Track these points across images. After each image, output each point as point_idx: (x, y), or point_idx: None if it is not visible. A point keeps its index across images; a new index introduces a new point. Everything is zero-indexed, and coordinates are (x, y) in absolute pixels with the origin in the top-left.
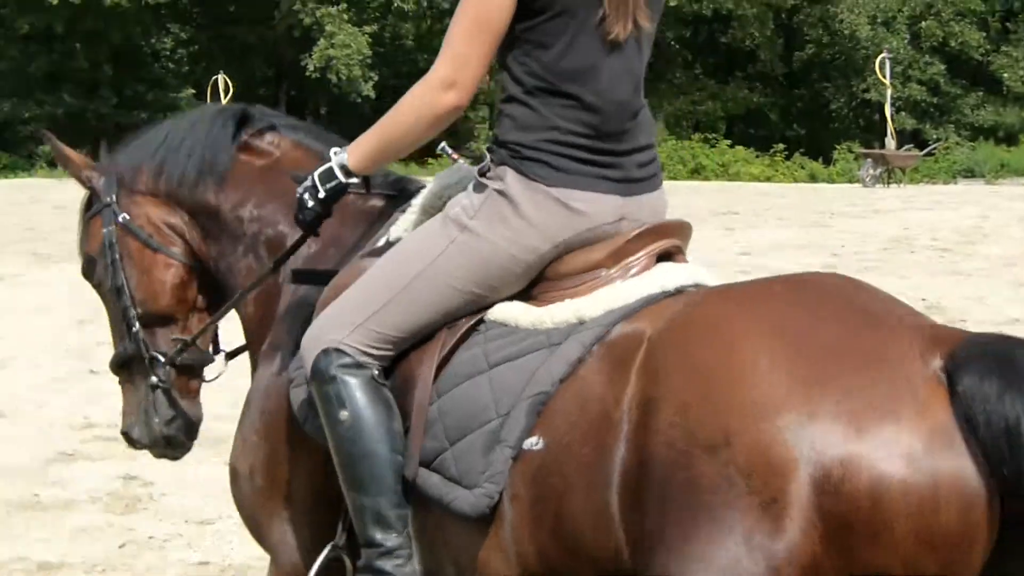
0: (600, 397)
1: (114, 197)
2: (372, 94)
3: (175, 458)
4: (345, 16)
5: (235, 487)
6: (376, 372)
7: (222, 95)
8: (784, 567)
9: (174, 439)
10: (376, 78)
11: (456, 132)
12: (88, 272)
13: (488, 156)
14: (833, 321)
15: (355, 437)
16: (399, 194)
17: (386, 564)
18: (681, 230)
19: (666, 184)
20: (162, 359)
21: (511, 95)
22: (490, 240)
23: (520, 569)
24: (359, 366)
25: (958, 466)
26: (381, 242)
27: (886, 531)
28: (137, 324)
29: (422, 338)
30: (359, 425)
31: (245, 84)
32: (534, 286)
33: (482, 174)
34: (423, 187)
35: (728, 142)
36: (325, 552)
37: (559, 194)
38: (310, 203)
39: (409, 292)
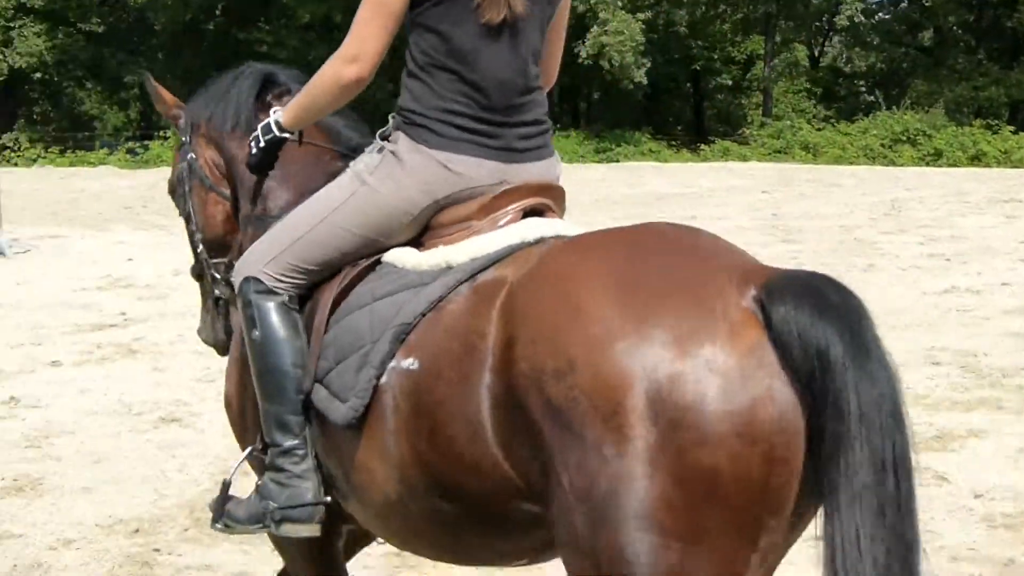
0: (467, 330)
1: (188, 137)
2: (644, 80)
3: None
4: (619, 3)
5: (227, 413)
6: (287, 298)
7: None
8: (629, 467)
9: (221, 346)
10: (648, 64)
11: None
12: (172, 194)
13: (391, 121)
14: (663, 262)
15: (264, 353)
16: (354, 152)
17: (284, 462)
18: (551, 191)
19: (941, 170)
20: (219, 277)
21: (409, 70)
22: (380, 193)
23: (399, 472)
24: (272, 292)
25: (771, 383)
26: None
27: (711, 431)
28: (201, 246)
29: (330, 274)
30: (268, 342)
31: None
32: (422, 235)
33: (383, 137)
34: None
35: (1011, 128)
36: (244, 455)
37: (440, 157)
38: (254, 149)
39: (315, 233)
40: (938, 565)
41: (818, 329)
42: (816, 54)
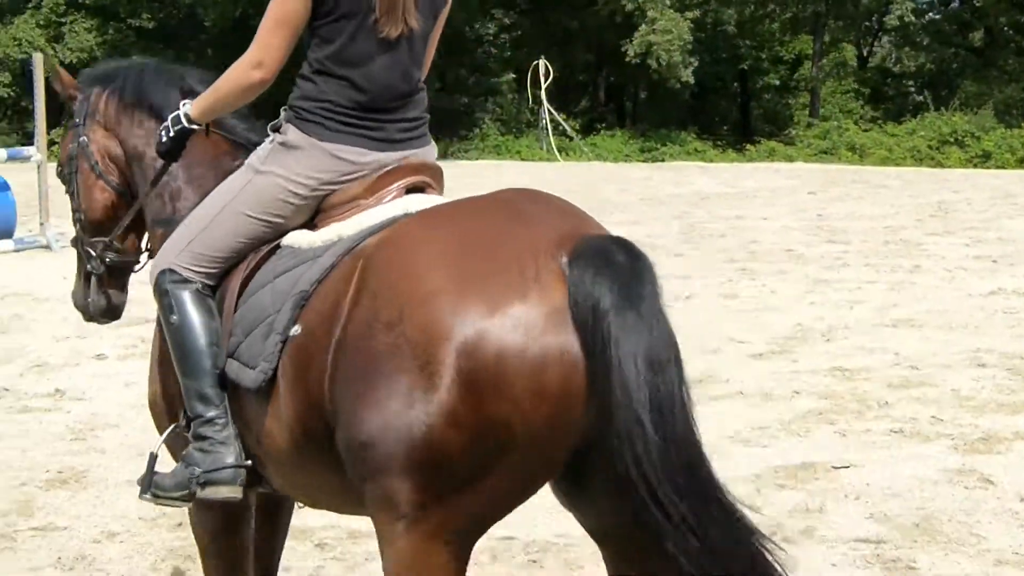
0: (336, 292)
1: (83, 120)
2: (691, 80)
3: (99, 323)
4: (668, 1)
5: (151, 412)
6: (200, 286)
7: (542, 80)
8: (433, 412)
9: (95, 313)
10: (696, 64)
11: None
12: (59, 172)
13: (282, 115)
14: (493, 230)
15: (183, 335)
16: (253, 147)
17: (207, 430)
18: (429, 170)
19: (989, 173)
20: (94, 254)
21: (303, 73)
22: (272, 179)
23: (288, 433)
24: (186, 281)
25: (566, 340)
26: None
27: (507, 387)
28: (79, 224)
29: (236, 262)
30: (185, 326)
31: (565, 69)
32: (315, 217)
33: (275, 129)
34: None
35: None
36: (168, 431)
37: (328, 147)
38: (164, 139)
39: (218, 221)
40: (982, 570)
41: (595, 285)
42: (865, 54)
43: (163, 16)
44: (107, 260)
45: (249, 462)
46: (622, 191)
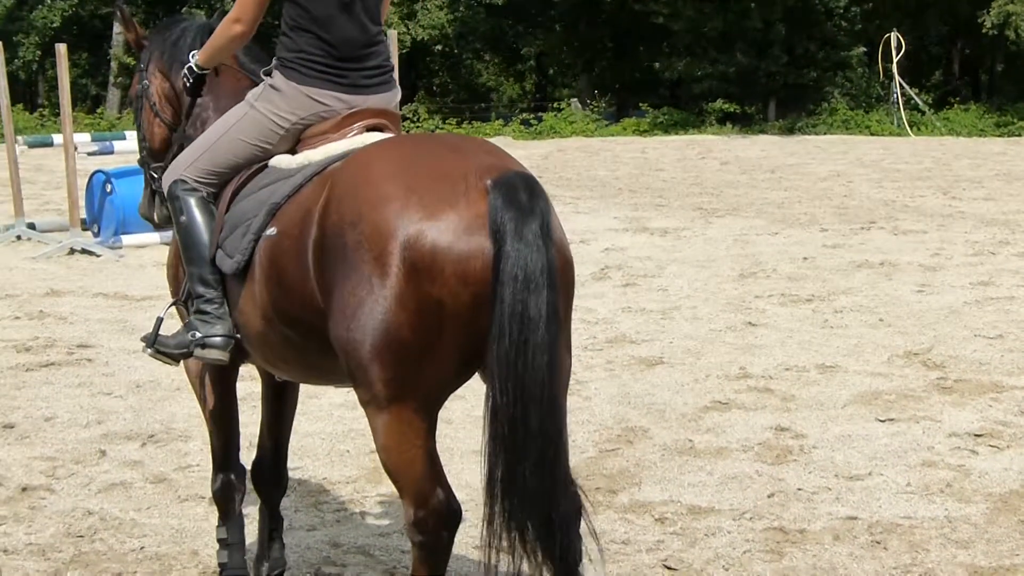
0: (308, 202)
1: (146, 66)
2: None
3: (161, 228)
4: None
5: (167, 273)
6: (205, 194)
7: (893, 53)
8: (387, 296)
9: (160, 221)
10: None
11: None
12: (130, 106)
13: (273, 63)
14: (435, 156)
15: (189, 231)
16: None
17: (206, 307)
18: (388, 115)
19: None
20: (155, 176)
21: (283, 30)
22: (262, 112)
23: (262, 310)
24: (194, 189)
25: (483, 241)
26: None
27: (439, 273)
28: (144, 152)
29: (232, 176)
30: (191, 224)
31: (917, 41)
32: (295, 146)
33: (268, 74)
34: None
35: None
36: (168, 305)
37: (305, 90)
38: (187, 83)
39: (220, 143)
40: None
41: (502, 214)
42: None
43: None
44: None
45: (239, 335)
46: (976, 166)
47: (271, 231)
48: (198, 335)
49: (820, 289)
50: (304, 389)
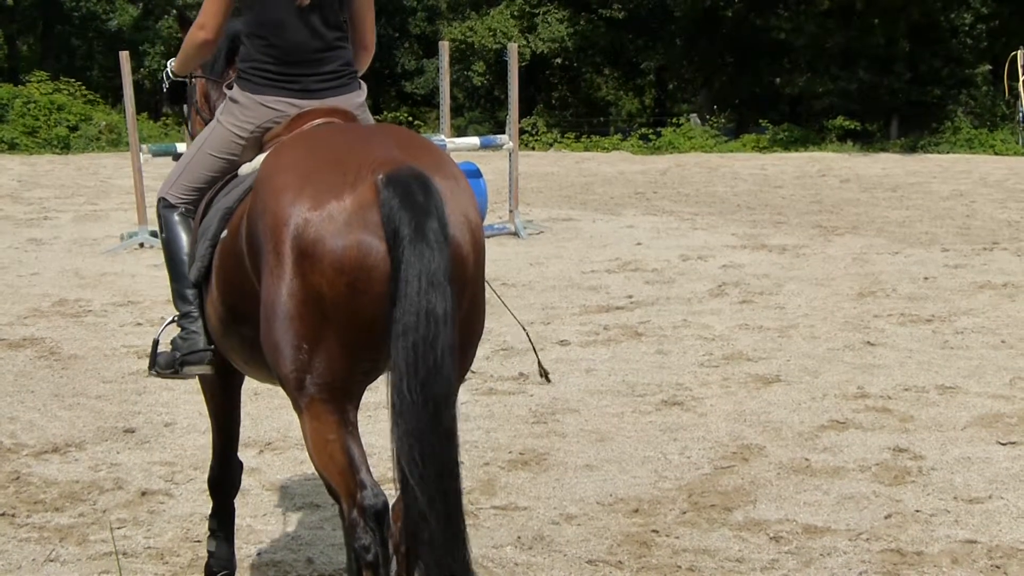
0: (248, 201)
1: (193, 75)
2: None
3: None
4: None
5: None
6: (183, 210)
7: (1020, 71)
8: (282, 279)
9: None
10: None
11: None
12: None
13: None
14: (339, 145)
15: (169, 248)
16: None
17: (185, 322)
18: (340, 113)
19: None
20: None
21: (241, 39)
22: (224, 125)
23: (219, 312)
24: (173, 207)
25: (363, 234)
26: None
27: (319, 263)
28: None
29: (209, 188)
30: (171, 241)
31: None
32: (258, 153)
33: (229, 87)
34: None
35: None
36: (166, 323)
37: (257, 98)
38: (164, 88)
39: (194, 160)
40: None
41: (398, 214)
42: None
43: (633, 6)
44: None
45: (213, 347)
46: None
47: (224, 235)
48: (179, 354)
49: (941, 309)
50: None
